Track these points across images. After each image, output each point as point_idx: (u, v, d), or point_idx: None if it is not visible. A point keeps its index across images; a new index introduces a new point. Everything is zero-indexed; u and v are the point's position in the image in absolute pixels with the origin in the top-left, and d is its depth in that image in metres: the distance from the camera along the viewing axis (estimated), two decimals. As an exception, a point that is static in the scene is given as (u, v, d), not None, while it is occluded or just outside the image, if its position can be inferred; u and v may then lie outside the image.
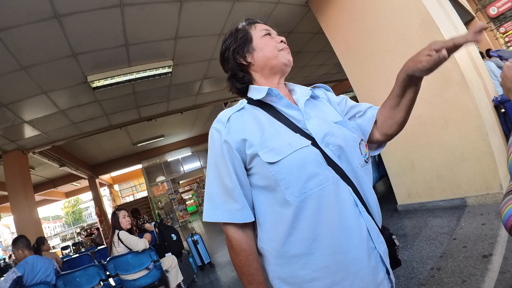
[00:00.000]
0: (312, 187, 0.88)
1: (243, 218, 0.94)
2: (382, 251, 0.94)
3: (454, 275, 2.29)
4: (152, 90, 6.24)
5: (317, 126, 0.96)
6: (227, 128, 0.97)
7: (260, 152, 0.91)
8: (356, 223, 0.90)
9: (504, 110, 4.08)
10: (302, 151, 0.89)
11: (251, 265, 0.94)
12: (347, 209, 0.89)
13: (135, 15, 3.78)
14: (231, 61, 1.13)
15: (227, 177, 0.95)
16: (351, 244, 0.88)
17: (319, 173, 0.89)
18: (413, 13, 3.46)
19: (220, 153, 0.97)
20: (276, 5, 4.63)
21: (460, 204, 3.56)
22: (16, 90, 4.56)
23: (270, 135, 0.93)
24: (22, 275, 3.32)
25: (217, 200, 0.97)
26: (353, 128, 1.03)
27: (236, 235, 0.95)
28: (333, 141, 0.94)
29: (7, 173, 6.72)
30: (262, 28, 1.13)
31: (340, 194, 0.89)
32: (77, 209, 41.10)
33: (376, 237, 0.93)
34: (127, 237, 3.74)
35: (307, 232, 0.88)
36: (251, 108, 1.04)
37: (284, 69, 1.10)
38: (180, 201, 14.81)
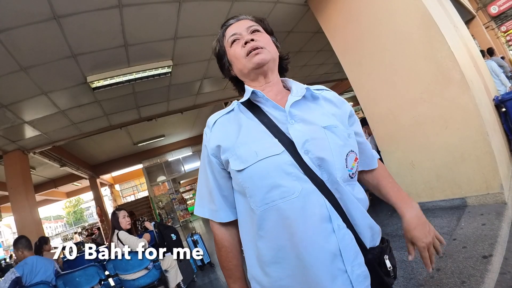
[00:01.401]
0: (274, 198, 0.86)
1: (218, 218, 1.00)
2: (355, 276, 0.84)
3: (454, 276, 2.27)
4: (152, 90, 6.24)
5: (299, 131, 0.91)
6: (211, 133, 1.01)
7: (230, 159, 0.93)
8: (323, 241, 0.83)
9: (504, 110, 4.07)
10: (267, 160, 0.87)
11: (231, 261, 1.00)
12: (314, 225, 0.84)
13: (134, 16, 3.77)
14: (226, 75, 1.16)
15: (208, 180, 1.01)
16: (313, 263, 0.83)
17: (282, 185, 0.85)
18: (413, 12, 3.44)
19: (203, 157, 1.03)
20: (275, 4, 4.62)
21: (460, 204, 3.54)
22: (16, 91, 4.57)
23: (242, 142, 0.93)
24: (21, 276, 3.33)
25: (203, 198, 1.04)
26: (343, 136, 0.94)
27: (219, 232, 1.02)
28: (313, 148, 0.88)
29: (8, 173, 6.74)
30: (229, 35, 1.06)
31: (308, 208, 0.84)
32: (78, 209, 41.17)
33: (351, 258, 0.85)
34: (126, 237, 3.75)
35: (271, 242, 0.88)
36: (239, 111, 1.03)
37: (258, 71, 1.02)
38: (181, 201, 14.82)
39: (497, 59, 7.08)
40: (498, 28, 11.27)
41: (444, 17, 3.72)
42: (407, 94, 3.69)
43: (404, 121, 3.81)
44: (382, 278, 0.90)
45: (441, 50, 3.30)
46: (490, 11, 11.06)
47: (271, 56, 1.02)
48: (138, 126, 8.68)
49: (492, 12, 11.05)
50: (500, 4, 10.84)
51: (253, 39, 1.01)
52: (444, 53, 3.29)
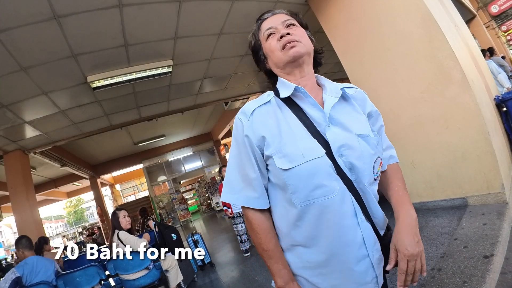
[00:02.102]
0: (317, 196, 0.95)
1: (259, 205, 1.04)
2: (375, 259, 0.99)
3: (455, 276, 2.27)
4: (152, 90, 6.24)
5: (336, 134, 0.98)
6: (250, 122, 1.02)
7: (275, 156, 0.97)
8: (352, 232, 0.96)
9: (505, 109, 4.06)
10: (313, 162, 0.94)
11: (270, 241, 1.04)
12: (346, 219, 0.96)
13: (134, 15, 3.77)
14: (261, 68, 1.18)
15: (249, 168, 1.03)
16: (343, 250, 0.97)
17: (325, 185, 0.94)
18: (413, 11, 3.43)
19: (242, 144, 1.03)
20: (275, 4, 4.61)
21: (461, 204, 3.53)
22: (17, 91, 4.57)
23: (287, 139, 0.97)
24: (21, 276, 3.33)
25: (235, 186, 1.07)
26: (373, 144, 1.01)
27: (255, 217, 1.05)
28: (347, 154, 0.97)
29: (8, 173, 6.74)
30: (265, 28, 1.09)
31: (342, 205, 0.95)
32: (78, 209, 41.19)
33: (371, 245, 0.99)
34: (126, 237, 3.74)
35: (308, 231, 0.98)
36: (276, 104, 1.06)
37: (294, 64, 1.05)
38: (181, 201, 14.83)
39: (497, 59, 7.07)
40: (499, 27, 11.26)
41: (445, 16, 3.71)
42: (408, 94, 3.68)
43: (405, 121, 3.80)
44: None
45: (442, 50, 3.29)
46: (491, 10, 11.05)
47: (306, 50, 1.05)
48: (138, 126, 8.69)
49: (492, 12, 11.04)
50: (500, 3, 10.83)
51: (289, 33, 1.03)
52: (445, 52, 3.28)
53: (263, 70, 1.17)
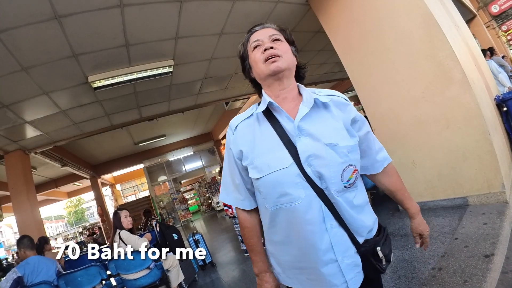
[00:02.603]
0: (283, 202, 1.05)
1: (244, 206, 1.21)
2: (344, 264, 1.05)
3: (456, 275, 2.27)
4: (153, 90, 6.25)
5: (305, 145, 1.04)
6: (234, 136, 1.17)
7: (249, 167, 1.11)
8: (318, 237, 1.04)
9: (506, 109, 4.07)
10: (278, 172, 1.04)
11: (252, 239, 1.22)
12: (312, 225, 1.04)
13: (135, 15, 3.77)
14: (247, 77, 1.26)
15: (235, 175, 1.20)
16: (310, 252, 1.06)
17: (289, 193, 1.03)
18: (414, 11, 3.44)
19: (229, 154, 1.20)
20: (276, 4, 4.62)
21: (461, 204, 3.54)
22: (17, 91, 4.57)
23: (258, 152, 1.09)
24: (22, 276, 3.34)
25: (228, 188, 1.25)
26: (342, 153, 1.04)
27: (242, 215, 1.24)
28: (315, 163, 1.03)
29: (9, 173, 6.74)
30: (253, 40, 1.16)
31: (308, 212, 1.03)
32: (79, 208, 41.22)
33: (342, 251, 1.05)
34: (128, 237, 3.75)
35: (281, 231, 1.11)
36: (256, 118, 1.16)
37: (274, 78, 1.11)
38: (182, 201, 14.83)
39: (498, 59, 7.07)
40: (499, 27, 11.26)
41: (445, 16, 3.71)
42: (409, 94, 3.69)
43: (406, 120, 3.80)
44: (374, 266, 1.09)
45: (443, 50, 3.30)
46: (491, 10, 11.05)
47: (287, 65, 1.10)
48: (139, 126, 8.69)
49: (493, 11, 11.04)
50: (501, 3, 10.83)
51: (272, 47, 1.10)
52: (445, 52, 3.29)
53: (248, 78, 1.25)
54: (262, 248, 1.24)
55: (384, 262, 1.11)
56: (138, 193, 23.69)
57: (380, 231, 1.18)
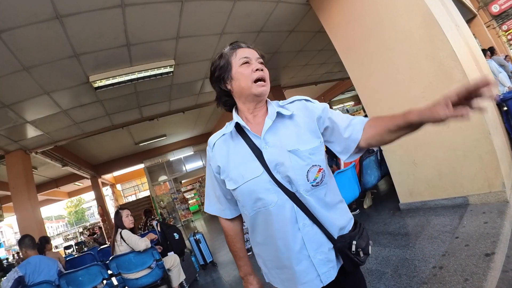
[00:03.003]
0: (259, 206, 1.15)
1: (225, 215, 1.35)
2: (317, 260, 1.13)
3: (456, 274, 2.28)
4: (154, 89, 6.26)
5: (271, 155, 1.14)
6: (212, 153, 1.27)
7: (226, 180, 1.22)
8: (291, 236, 1.12)
9: (506, 108, 4.07)
10: (251, 181, 1.14)
11: (235, 245, 1.37)
12: (286, 225, 1.12)
13: (136, 15, 3.78)
14: (215, 86, 1.30)
15: (215, 188, 1.32)
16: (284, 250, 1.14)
17: (263, 198, 1.13)
18: (414, 11, 3.44)
19: (209, 170, 1.32)
20: (277, 4, 4.63)
21: (462, 203, 3.55)
22: (19, 91, 4.58)
23: (232, 165, 1.20)
24: (23, 275, 3.35)
25: (211, 200, 1.37)
26: (304, 156, 1.13)
27: (225, 224, 1.38)
28: (282, 170, 1.13)
29: (10, 173, 6.75)
30: (241, 56, 1.20)
31: (282, 213, 1.12)
32: (79, 208, 41.25)
33: (314, 248, 1.13)
34: (129, 236, 3.75)
35: (261, 233, 1.21)
36: (230, 135, 1.25)
37: (257, 99, 1.21)
38: (182, 200, 14.84)
39: (498, 58, 7.07)
40: (499, 27, 11.25)
41: (446, 16, 3.71)
42: (409, 93, 3.69)
43: (406, 120, 3.80)
44: (352, 259, 1.15)
45: (443, 49, 3.31)
46: (491, 10, 11.05)
47: (268, 91, 1.22)
48: (139, 125, 8.70)
49: (493, 11, 11.04)
50: (501, 3, 10.83)
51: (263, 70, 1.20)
52: (445, 52, 3.29)
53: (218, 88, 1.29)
54: (245, 253, 1.38)
55: (362, 255, 1.16)
56: (138, 193, 23.70)
57: (356, 227, 1.24)
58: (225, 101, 1.32)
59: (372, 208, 4.95)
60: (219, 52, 1.28)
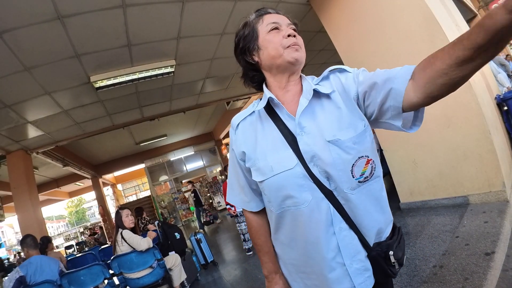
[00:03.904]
0: (289, 205, 0.99)
1: (250, 207, 1.16)
2: (353, 269, 0.97)
3: (457, 273, 2.29)
4: (155, 89, 6.27)
5: (307, 145, 0.96)
6: (236, 136, 1.12)
7: (252, 169, 1.06)
8: (325, 240, 0.96)
9: (506, 108, 4.08)
10: (282, 175, 0.97)
11: (259, 238, 1.17)
12: (318, 229, 0.96)
13: (138, 16, 3.79)
14: (241, 59, 1.14)
15: (239, 176, 1.15)
16: (316, 256, 0.99)
17: (294, 196, 0.97)
18: (415, 11, 3.45)
19: (232, 155, 1.15)
20: (277, 4, 4.63)
21: (462, 202, 3.55)
22: (20, 91, 4.59)
23: (260, 153, 1.03)
24: (24, 275, 3.36)
25: (234, 190, 1.20)
26: (348, 147, 0.93)
27: (250, 216, 1.19)
28: (320, 163, 0.95)
29: (11, 173, 6.76)
30: (269, 22, 1.04)
31: (315, 215, 0.96)
32: (80, 208, 41.28)
33: (351, 255, 0.97)
34: (130, 237, 3.76)
35: (287, 233, 1.05)
36: (258, 115, 1.09)
37: (291, 68, 1.02)
38: (183, 200, 14.84)
39: (499, 58, 7.06)
40: (500, 26, 11.23)
41: (446, 15, 3.72)
42: (410, 93, 3.69)
43: (407, 120, 3.81)
44: (386, 270, 0.99)
45: (443, 49, 3.30)
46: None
47: (304, 59, 1.04)
48: (140, 125, 8.71)
49: (493, 11, 11.02)
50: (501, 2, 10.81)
51: (296, 36, 1.02)
52: (446, 51, 3.29)
53: (245, 61, 1.12)
54: (271, 248, 1.17)
55: (397, 266, 1.01)
56: (139, 193, 23.72)
57: (394, 233, 1.07)
58: (253, 76, 1.13)
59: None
60: (243, 21, 1.12)
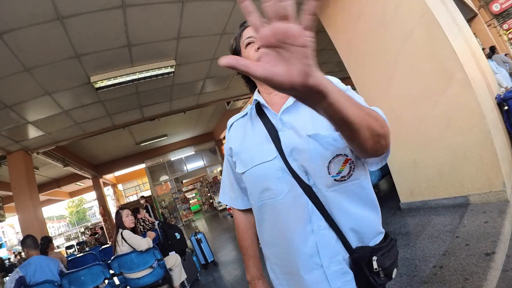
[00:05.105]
0: (266, 198, 0.99)
1: (237, 205, 1.19)
2: (331, 271, 0.93)
3: (457, 273, 2.29)
4: (155, 90, 6.27)
5: (288, 138, 0.96)
6: (229, 134, 1.17)
7: (236, 163, 1.10)
8: (302, 238, 0.94)
9: (507, 108, 4.07)
10: (260, 166, 0.99)
11: (245, 241, 1.19)
12: (296, 224, 0.95)
13: (137, 16, 3.79)
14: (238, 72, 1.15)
15: (230, 173, 1.19)
16: (294, 255, 0.96)
17: (271, 188, 0.97)
18: (415, 11, 3.45)
19: (225, 153, 1.19)
20: (277, 4, 4.62)
21: (462, 202, 3.55)
22: (20, 91, 4.60)
23: (245, 147, 1.07)
24: (24, 275, 3.37)
25: (225, 188, 1.24)
26: (327, 142, 0.91)
27: (237, 216, 1.22)
28: (298, 157, 0.94)
29: (11, 173, 6.77)
30: (245, 36, 1.10)
31: (292, 210, 0.95)
32: (81, 208, 41.32)
33: (328, 256, 0.93)
34: (130, 237, 3.77)
35: (268, 231, 1.04)
36: (250, 116, 1.12)
37: None
38: (183, 200, 14.86)
39: (500, 56, 7.05)
40: (501, 26, 11.23)
41: (446, 15, 3.72)
42: (410, 93, 3.70)
43: (407, 120, 3.82)
44: (368, 277, 0.92)
45: (444, 49, 3.31)
46: (492, 9, 11.03)
47: None
48: (140, 126, 8.71)
49: (494, 10, 11.03)
50: (502, 2, 10.81)
51: None
52: (446, 51, 3.30)
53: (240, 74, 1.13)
54: (256, 252, 1.18)
55: (382, 276, 0.93)
56: (140, 193, 23.73)
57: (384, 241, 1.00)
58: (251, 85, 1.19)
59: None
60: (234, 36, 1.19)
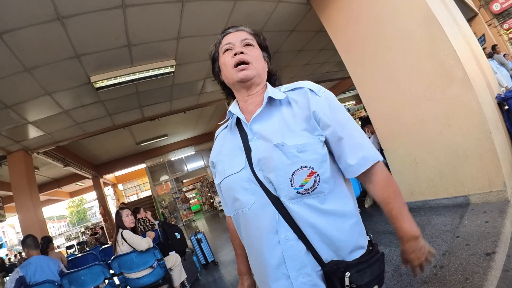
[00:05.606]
0: (236, 208, 1.03)
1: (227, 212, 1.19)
2: (298, 282, 0.91)
3: (457, 273, 2.28)
4: (155, 90, 6.28)
5: (257, 148, 0.98)
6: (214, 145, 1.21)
7: (214, 174, 1.16)
8: (269, 248, 0.94)
9: (507, 107, 4.06)
10: (230, 177, 1.02)
11: (234, 241, 1.27)
12: (262, 234, 0.95)
13: (137, 16, 3.80)
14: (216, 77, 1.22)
15: None
16: (261, 264, 0.99)
17: (238, 198, 1.00)
18: (415, 10, 3.44)
19: None
20: (277, 3, 4.63)
21: (463, 202, 3.54)
22: (20, 92, 4.60)
23: (220, 159, 1.12)
24: (24, 275, 3.37)
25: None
26: (290, 153, 0.90)
27: (228, 219, 1.26)
28: (264, 167, 0.95)
29: (12, 173, 6.78)
30: (224, 43, 1.11)
31: (259, 220, 0.95)
32: (81, 208, 41.35)
33: (296, 267, 0.91)
34: (130, 237, 3.77)
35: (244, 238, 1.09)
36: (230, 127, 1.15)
37: (243, 85, 1.06)
38: (183, 200, 14.86)
39: (499, 57, 7.05)
40: (501, 25, 11.22)
41: (446, 15, 3.71)
42: (410, 93, 3.69)
43: (407, 119, 3.81)
44: None
45: (444, 48, 3.30)
46: (493, 8, 11.02)
47: (256, 72, 1.05)
48: (141, 125, 8.72)
49: (494, 10, 11.01)
50: (502, 1, 10.79)
51: (243, 52, 1.05)
52: (446, 51, 3.29)
53: (218, 81, 1.22)
54: (243, 251, 1.19)
55: None
56: (140, 193, 23.75)
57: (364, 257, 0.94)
58: (228, 92, 1.21)
59: (373, 208, 4.94)
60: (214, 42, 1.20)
